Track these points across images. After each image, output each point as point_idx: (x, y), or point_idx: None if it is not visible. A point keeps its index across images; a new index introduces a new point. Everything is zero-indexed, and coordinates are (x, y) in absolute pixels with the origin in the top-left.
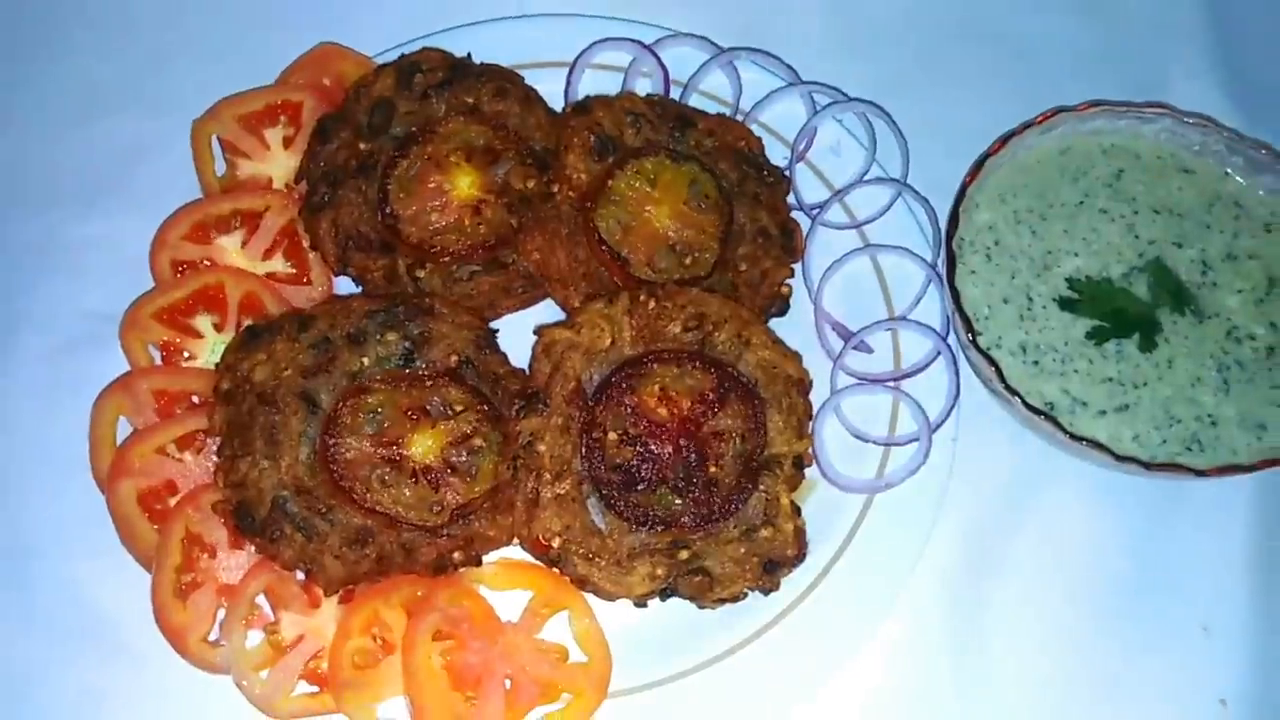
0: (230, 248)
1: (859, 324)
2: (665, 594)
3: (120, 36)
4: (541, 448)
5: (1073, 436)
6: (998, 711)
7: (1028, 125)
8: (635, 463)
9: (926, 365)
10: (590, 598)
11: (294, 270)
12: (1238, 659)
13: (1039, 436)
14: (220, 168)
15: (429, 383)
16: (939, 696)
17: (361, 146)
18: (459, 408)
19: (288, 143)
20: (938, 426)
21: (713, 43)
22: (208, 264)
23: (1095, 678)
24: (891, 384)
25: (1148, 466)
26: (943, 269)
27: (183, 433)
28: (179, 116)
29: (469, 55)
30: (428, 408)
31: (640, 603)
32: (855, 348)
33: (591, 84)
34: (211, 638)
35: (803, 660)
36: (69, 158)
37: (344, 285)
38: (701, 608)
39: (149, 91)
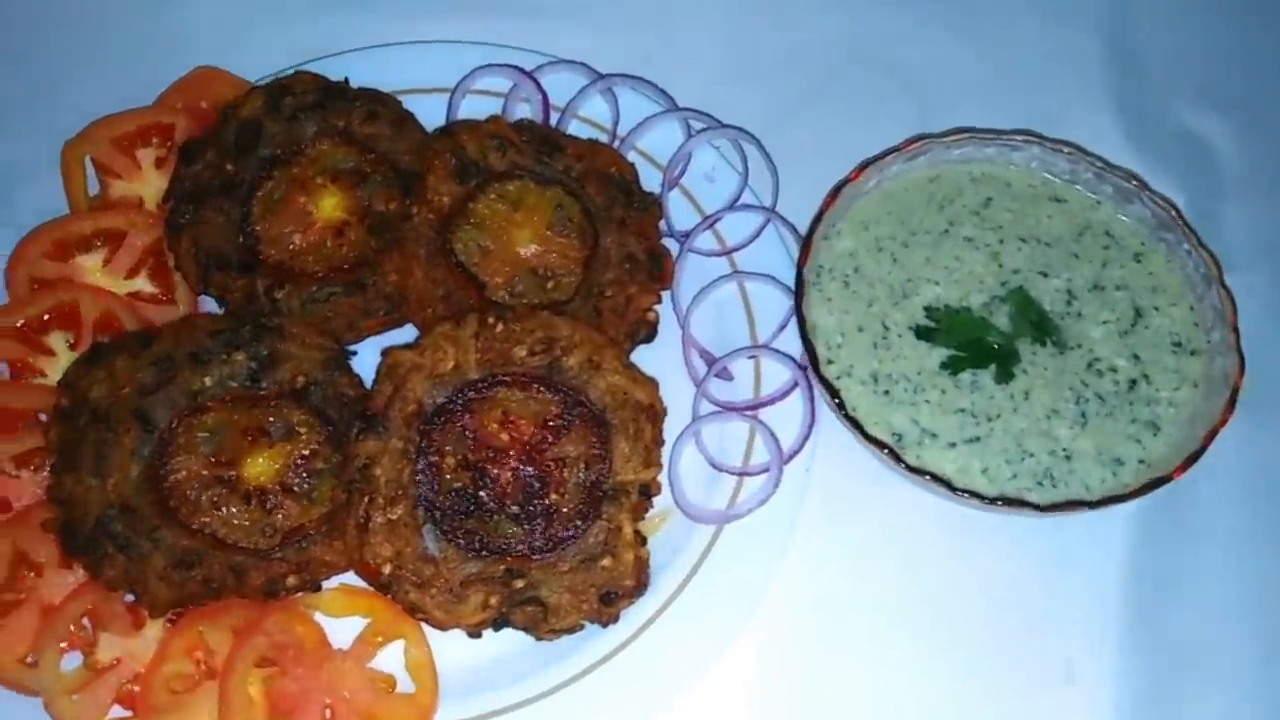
0: (92, 266)
1: (726, 351)
2: (499, 624)
3: (3, 64)
4: (378, 471)
5: (909, 469)
6: None
7: (891, 152)
8: (471, 489)
9: (785, 394)
10: (428, 627)
11: (158, 290)
12: (1100, 706)
13: (885, 468)
14: (95, 188)
15: (271, 403)
16: None
17: (228, 167)
18: (301, 430)
19: (160, 163)
20: (790, 457)
21: (593, 69)
22: (66, 282)
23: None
24: (749, 413)
25: (989, 501)
26: None
27: (21, 450)
28: (62, 140)
29: (346, 80)
30: (268, 429)
31: (474, 633)
32: (718, 375)
33: (475, 109)
34: (32, 660)
35: (633, 699)
36: None
37: (210, 307)
38: (538, 639)
39: (33, 116)
